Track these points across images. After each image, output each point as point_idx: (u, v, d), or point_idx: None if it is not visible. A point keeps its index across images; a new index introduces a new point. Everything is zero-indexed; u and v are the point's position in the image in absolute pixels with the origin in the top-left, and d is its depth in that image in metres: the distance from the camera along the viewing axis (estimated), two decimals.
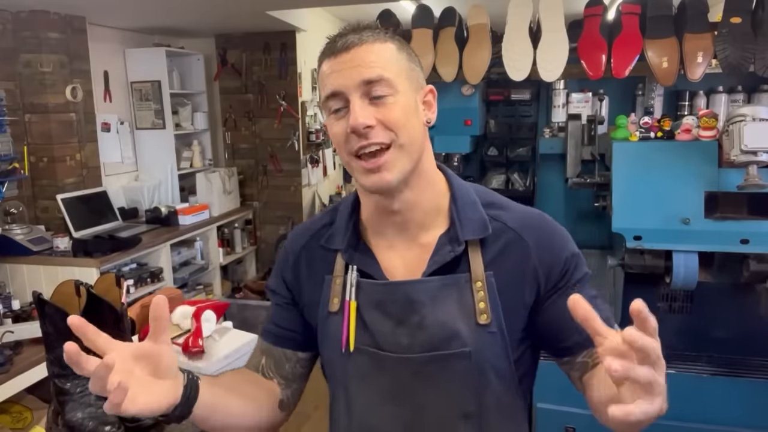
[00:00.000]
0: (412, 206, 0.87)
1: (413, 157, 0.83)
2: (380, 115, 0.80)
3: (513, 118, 2.92)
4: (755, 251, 1.99)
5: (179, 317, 1.44)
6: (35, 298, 1.20)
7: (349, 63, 0.80)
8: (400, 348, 0.86)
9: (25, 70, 3.26)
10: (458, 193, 0.90)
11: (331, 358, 0.92)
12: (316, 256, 0.95)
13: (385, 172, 0.81)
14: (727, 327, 2.33)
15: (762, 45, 1.98)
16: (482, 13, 2.33)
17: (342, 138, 0.82)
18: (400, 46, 0.85)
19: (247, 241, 4.76)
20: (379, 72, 0.80)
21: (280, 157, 4.68)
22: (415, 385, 0.87)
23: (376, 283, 0.88)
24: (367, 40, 0.81)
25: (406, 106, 0.82)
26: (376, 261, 0.89)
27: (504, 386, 0.88)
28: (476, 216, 0.88)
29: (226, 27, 4.40)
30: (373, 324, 0.87)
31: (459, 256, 0.86)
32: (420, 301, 0.85)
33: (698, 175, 2.02)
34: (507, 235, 0.88)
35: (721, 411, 2.11)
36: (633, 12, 2.17)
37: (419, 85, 0.87)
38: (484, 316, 0.84)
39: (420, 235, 0.89)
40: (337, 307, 0.89)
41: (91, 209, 3.49)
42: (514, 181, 2.88)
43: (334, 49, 0.82)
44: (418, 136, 0.84)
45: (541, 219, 0.91)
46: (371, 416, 0.90)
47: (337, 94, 0.81)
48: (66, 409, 1.19)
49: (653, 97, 2.52)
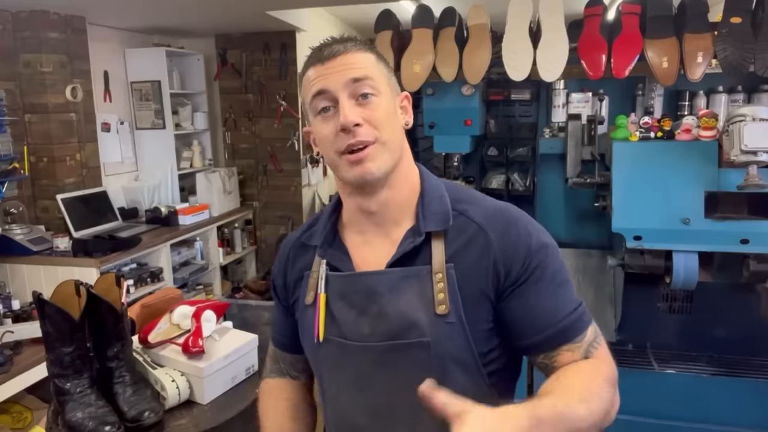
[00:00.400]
0: (387, 204, 0.92)
1: (395, 155, 0.90)
2: (366, 114, 0.86)
3: (513, 118, 2.92)
4: (755, 251, 1.99)
5: (179, 317, 1.44)
6: (35, 298, 1.20)
7: (336, 67, 0.87)
8: (362, 337, 0.90)
9: (25, 70, 3.25)
10: (427, 190, 0.94)
11: (308, 349, 0.99)
12: (299, 256, 1.02)
13: (369, 162, 0.86)
14: (727, 327, 2.33)
15: (762, 45, 1.98)
16: (482, 13, 2.33)
17: (331, 137, 0.87)
18: (378, 57, 0.92)
19: (247, 241, 4.76)
20: (364, 72, 0.87)
21: (280, 157, 4.68)
22: (377, 374, 0.90)
23: (340, 275, 0.93)
24: (351, 49, 0.88)
25: (388, 108, 0.89)
26: (348, 256, 0.95)
27: (469, 379, 0.88)
28: (440, 209, 0.91)
29: (226, 27, 4.40)
30: (339, 314, 0.92)
31: (422, 249, 0.89)
32: (379, 291, 0.89)
33: (698, 175, 2.02)
34: (471, 228, 0.90)
35: (721, 411, 2.11)
36: (633, 12, 2.17)
37: (396, 91, 0.94)
38: (442, 307, 0.86)
39: (393, 230, 0.94)
40: (312, 300, 0.96)
41: (91, 209, 3.49)
42: (514, 181, 2.88)
43: (320, 57, 0.89)
44: (398, 137, 0.91)
45: (507, 213, 0.92)
46: (341, 403, 0.96)
47: (324, 92, 0.87)
48: (66, 409, 1.19)
49: (653, 97, 2.52)
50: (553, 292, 0.87)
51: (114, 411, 1.20)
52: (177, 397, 1.28)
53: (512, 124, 2.90)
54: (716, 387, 2.14)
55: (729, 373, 2.19)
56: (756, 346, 2.29)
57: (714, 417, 2.11)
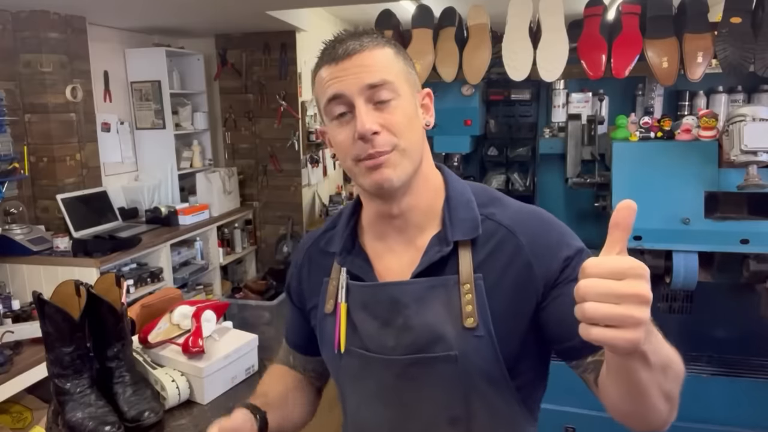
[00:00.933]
0: (410, 209, 0.87)
1: (414, 160, 0.84)
2: (383, 120, 0.80)
3: (513, 118, 2.92)
4: (755, 251, 1.99)
5: (179, 317, 1.44)
6: (35, 298, 1.20)
7: (351, 69, 0.80)
8: (385, 349, 0.86)
9: (25, 70, 3.25)
10: (453, 193, 0.89)
11: (328, 359, 0.95)
12: (316, 261, 0.97)
13: (387, 169, 0.81)
14: (727, 327, 2.33)
15: (762, 45, 1.98)
16: (482, 13, 2.33)
17: (348, 143, 0.82)
18: (397, 51, 0.85)
19: (247, 241, 4.76)
20: (382, 76, 0.80)
21: (280, 157, 4.68)
22: (400, 387, 0.87)
23: (362, 285, 0.88)
24: (368, 46, 0.81)
25: (408, 110, 0.83)
26: (369, 264, 0.90)
27: (496, 392, 0.85)
28: (468, 216, 0.86)
29: (226, 27, 4.40)
30: (361, 325, 0.88)
31: (448, 257, 0.85)
32: (404, 302, 0.85)
33: (698, 175, 2.02)
34: (499, 233, 0.85)
35: (721, 411, 2.11)
36: (633, 12, 2.17)
37: (416, 88, 0.87)
38: (470, 320, 0.82)
39: (417, 237, 0.89)
40: (331, 308, 0.91)
41: (91, 209, 3.49)
42: (514, 181, 2.88)
43: (334, 55, 0.81)
44: (419, 140, 0.85)
45: (536, 215, 0.88)
46: (361, 416, 0.93)
47: (339, 97, 0.81)
48: (66, 409, 1.19)
49: (653, 97, 2.51)
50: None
51: (114, 411, 1.20)
52: (177, 397, 1.28)
53: (512, 124, 2.90)
54: (716, 387, 2.14)
55: (729, 373, 2.19)
56: (756, 346, 2.29)
57: (714, 417, 2.11)
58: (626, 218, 0.60)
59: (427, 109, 0.89)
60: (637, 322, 0.55)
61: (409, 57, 0.88)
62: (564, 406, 2.16)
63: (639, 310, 0.55)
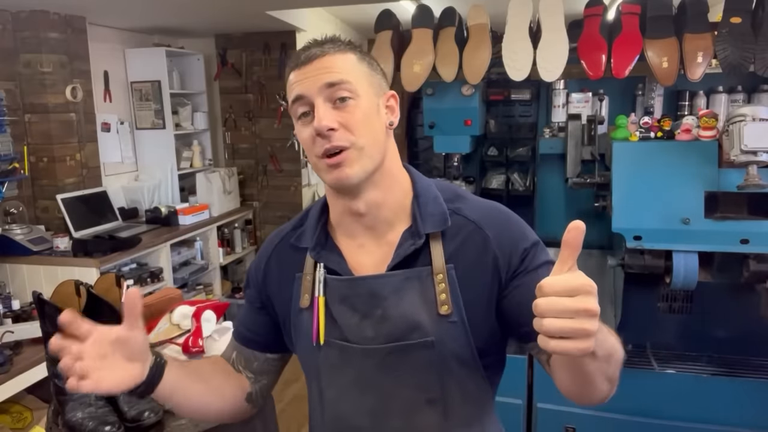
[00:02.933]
0: (378, 206, 0.92)
1: (374, 158, 0.89)
2: (342, 118, 0.85)
3: (513, 118, 2.91)
4: (755, 251, 1.98)
5: (179, 317, 1.44)
6: (35, 298, 1.20)
7: (312, 72, 0.86)
8: (365, 340, 0.90)
9: (25, 70, 3.26)
10: (420, 190, 0.95)
11: (304, 352, 0.97)
12: (286, 256, 1.00)
13: (346, 167, 0.86)
14: (727, 327, 2.33)
15: (762, 45, 1.98)
16: (482, 13, 2.33)
17: (310, 141, 0.87)
18: (360, 56, 0.91)
19: (247, 241, 4.76)
20: (340, 76, 0.86)
21: (280, 157, 4.68)
22: (380, 375, 0.91)
23: (340, 279, 0.92)
24: (329, 51, 0.88)
25: (367, 110, 0.88)
26: (343, 258, 0.94)
27: (468, 373, 0.92)
28: (437, 210, 0.92)
29: (226, 27, 4.40)
30: (341, 318, 0.92)
31: (421, 250, 0.90)
32: (383, 294, 0.90)
33: (698, 175, 2.02)
34: (467, 227, 0.92)
35: (721, 411, 2.11)
36: (633, 12, 2.17)
37: (381, 90, 0.92)
38: (445, 307, 0.88)
39: (387, 233, 0.94)
40: (308, 302, 0.94)
41: (91, 209, 3.49)
42: (514, 181, 2.88)
43: (298, 61, 0.88)
44: (380, 138, 0.90)
45: (499, 211, 0.96)
46: (341, 405, 0.95)
47: (301, 98, 0.87)
48: (66, 409, 1.19)
49: (653, 97, 2.51)
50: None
51: (114, 411, 1.20)
52: None
53: (512, 124, 2.90)
54: (716, 387, 2.14)
55: (729, 373, 2.19)
56: (756, 346, 2.29)
57: (714, 417, 2.11)
58: (576, 238, 0.67)
59: (392, 110, 0.94)
60: (589, 333, 0.64)
61: (375, 62, 0.94)
62: (564, 406, 2.16)
63: (590, 323, 0.64)
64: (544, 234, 2.86)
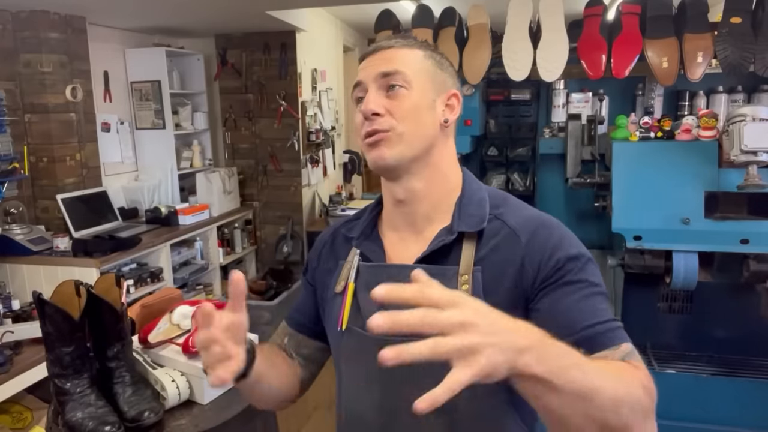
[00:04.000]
0: (417, 196, 0.92)
1: (414, 146, 0.89)
2: (390, 105, 0.88)
3: (513, 118, 2.92)
4: (755, 251, 1.99)
5: (179, 317, 1.44)
6: (35, 298, 1.20)
7: (374, 62, 0.91)
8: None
9: (25, 70, 3.25)
10: (467, 192, 0.95)
11: (331, 337, 0.99)
12: (338, 244, 1.03)
13: (383, 146, 0.88)
14: (727, 327, 2.33)
15: (762, 45, 1.98)
16: (482, 13, 2.33)
17: (359, 124, 0.91)
18: (428, 54, 0.93)
19: (247, 241, 4.75)
20: (395, 67, 0.89)
21: (280, 157, 4.68)
22: (392, 369, 0.87)
23: (369, 265, 0.94)
24: (395, 45, 0.92)
25: (418, 102, 0.90)
26: (382, 249, 0.95)
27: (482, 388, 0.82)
28: (477, 212, 0.91)
29: (226, 27, 4.40)
30: (364, 305, 0.92)
31: (452, 248, 0.89)
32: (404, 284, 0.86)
33: (698, 175, 2.02)
34: (503, 232, 0.90)
35: (721, 411, 2.11)
36: (633, 12, 2.17)
37: (444, 88, 0.94)
38: None
39: (426, 228, 0.94)
40: (341, 288, 0.96)
41: (91, 209, 3.49)
42: (514, 181, 2.88)
43: (367, 52, 0.94)
44: (425, 131, 0.91)
45: (543, 219, 0.90)
46: (355, 397, 0.96)
47: (359, 84, 0.91)
48: (66, 409, 1.19)
49: (653, 97, 2.52)
50: (587, 296, 0.82)
51: (114, 411, 1.20)
52: (177, 397, 1.28)
53: (512, 124, 2.90)
54: (716, 387, 2.14)
55: (729, 373, 2.19)
56: (756, 346, 2.29)
57: (714, 417, 2.11)
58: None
59: (451, 109, 0.95)
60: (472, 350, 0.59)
61: (446, 62, 0.96)
62: None
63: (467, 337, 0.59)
64: None
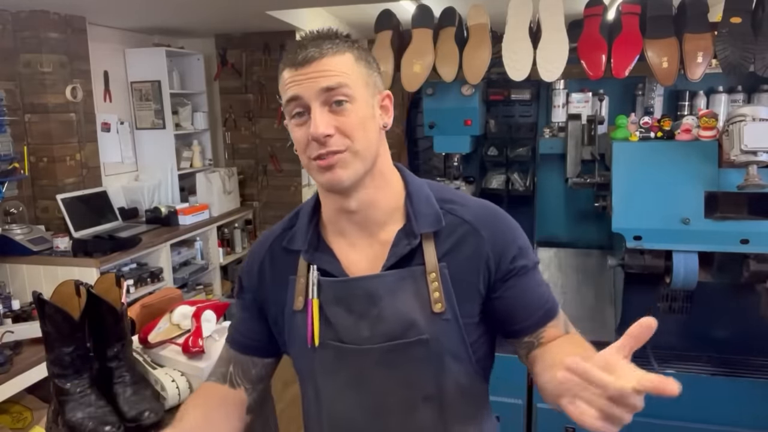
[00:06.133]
0: (369, 205, 0.92)
1: (367, 161, 0.88)
2: (338, 122, 0.84)
3: (513, 118, 2.91)
4: (755, 251, 1.99)
5: (179, 317, 1.44)
6: (35, 298, 1.20)
7: (309, 74, 0.84)
8: (361, 340, 0.91)
9: (25, 70, 3.26)
10: (413, 190, 0.95)
11: (299, 354, 0.97)
12: (279, 259, 0.99)
13: (339, 169, 0.86)
14: (727, 327, 2.33)
15: (762, 45, 1.98)
16: (482, 13, 2.33)
17: (303, 142, 0.86)
18: (358, 55, 0.89)
19: (247, 241, 4.76)
20: (338, 80, 0.84)
21: (280, 157, 4.68)
22: (377, 374, 0.92)
23: (335, 281, 0.92)
24: (327, 53, 0.85)
25: (363, 114, 0.87)
26: (336, 259, 0.94)
27: (462, 369, 0.93)
28: (430, 211, 0.93)
29: (226, 27, 4.40)
30: (336, 319, 0.92)
31: (414, 250, 0.91)
32: (378, 294, 0.90)
33: (698, 175, 2.02)
34: (462, 228, 0.93)
35: (721, 411, 2.11)
36: (633, 12, 2.17)
37: (376, 89, 0.91)
38: (438, 305, 0.89)
39: (379, 232, 0.94)
40: (302, 305, 0.94)
41: (91, 209, 3.49)
42: (514, 181, 2.88)
43: (295, 60, 0.85)
44: (373, 142, 0.89)
45: (495, 212, 0.97)
46: (338, 404, 0.96)
47: (297, 99, 0.85)
48: (66, 409, 1.19)
49: (653, 97, 2.51)
50: (539, 281, 0.95)
51: (114, 411, 1.20)
52: (177, 397, 1.28)
53: (512, 124, 2.90)
54: (716, 387, 2.14)
55: (729, 373, 2.19)
56: (756, 346, 2.29)
57: (714, 417, 2.11)
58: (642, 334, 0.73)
59: (386, 111, 0.93)
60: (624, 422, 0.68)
61: (372, 60, 0.92)
62: None
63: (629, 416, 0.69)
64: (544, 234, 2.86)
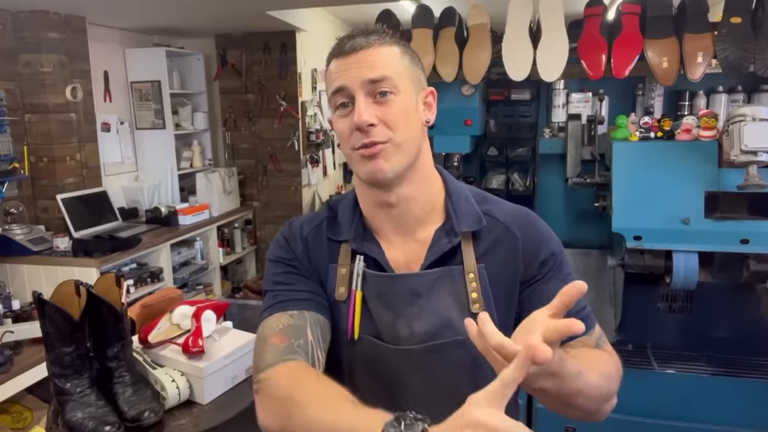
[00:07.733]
0: (409, 200, 0.91)
1: (409, 154, 0.88)
2: (381, 113, 0.85)
3: (513, 118, 2.92)
4: (755, 251, 1.99)
5: (179, 317, 1.44)
6: (35, 298, 1.20)
7: (355, 64, 0.85)
8: (398, 340, 0.90)
9: (25, 70, 3.25)
10: (453, 190, 0.95)
11: (336, 343, 0.95)
12: (319, 246, 0.97)
13: (381, 160, 0.85)
14: (727, 327, 2.33)
15: (762, 45, 1.98)
16: (482, 13, 2.33)
17: (347, 133, 0.87)
18: (404, 50, 0.90)
19: (247, 241, 4.76)
20: (383, 72, 0.85)
21: (280, 157, 4.68)
22: (413, 375, 0.90)
23: (380, 275, 0.91)
24: (374, 44, 0.86)
25: (407, 106, 0.87)
26: (383, 251, 0.93)
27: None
28: (471, 210, 0.93)
29: (226, 27, 4.40)
30: (376, 314, 0.91)
31: (454, 249, 0.91)
32: (419, 293, 0.90)
33: (698, 175, 2.02)
34: (498, 228, 0.93)
35: (721, 411, 2.11)
36: (633, 12, 2.17)
37: (420, 86, 0.92)
38: (476, 306, 0.89)
39: (417, 230, 0.93)
40: (344, 296, 0.93)
41: (91, 209, 3.49)
42: (514, 181, 2.88)
43: (342, 50, 0.87)
44: (416, 135, 0.89)
45: (526, 213, 0.97)
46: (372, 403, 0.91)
47: (342, 89, 0.86)
48: (66, 409, 1.19)
49: (653, 97, 2.52)
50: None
51: (114, 411, 1.20)
52: (177, 397, 1.28)
53: (512, 124, 2.90)
54: (716, 387, 2.14)
55: (729, 373, 2.19)
56: (756, 346, 2.29)
57: (714, 417, 2.11)
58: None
59: (429, 107, 0.93)
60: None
61: (416, 56, 0.93)
62: None
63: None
64: None
